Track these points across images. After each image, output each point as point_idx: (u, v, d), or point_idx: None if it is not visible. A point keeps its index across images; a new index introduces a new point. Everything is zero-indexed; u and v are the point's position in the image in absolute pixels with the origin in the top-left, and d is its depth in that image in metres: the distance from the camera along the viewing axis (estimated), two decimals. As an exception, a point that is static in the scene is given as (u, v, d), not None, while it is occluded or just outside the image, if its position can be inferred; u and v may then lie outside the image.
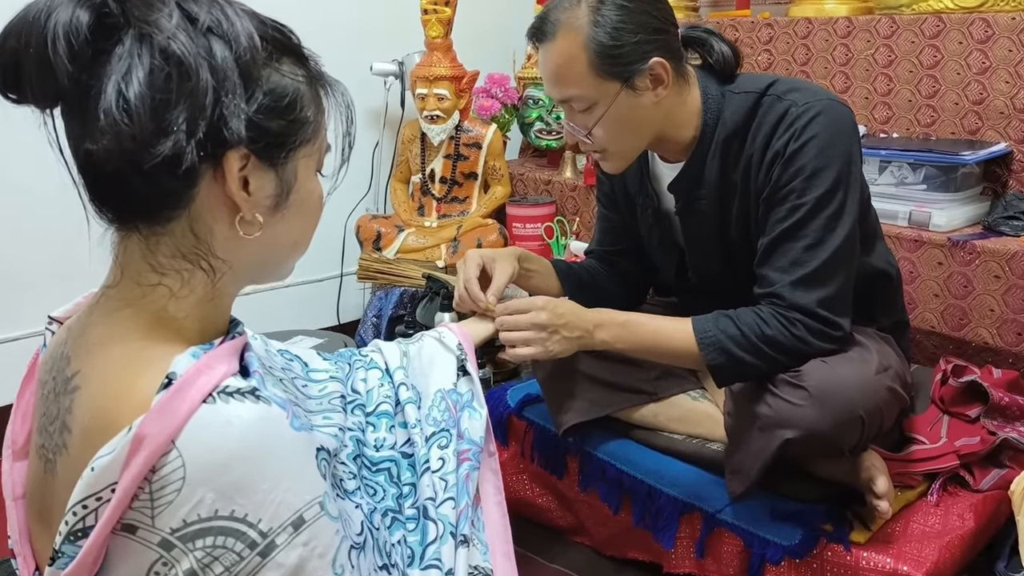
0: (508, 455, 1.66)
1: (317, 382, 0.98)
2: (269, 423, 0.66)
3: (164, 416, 0.63)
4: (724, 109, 1.27)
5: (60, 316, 0.83)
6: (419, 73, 2.29)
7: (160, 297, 0.71)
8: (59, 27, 0.62)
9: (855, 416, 1.13)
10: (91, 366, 0.70)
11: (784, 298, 1.18)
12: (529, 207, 2.33)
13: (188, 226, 0.70)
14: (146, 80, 0.62)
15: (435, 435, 1.01)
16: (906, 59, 1.91)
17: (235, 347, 0.73)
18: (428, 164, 2.42)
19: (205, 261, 0.71)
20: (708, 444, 1.41)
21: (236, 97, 0.66)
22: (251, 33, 0.67)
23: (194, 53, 0.63)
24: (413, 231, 2.37)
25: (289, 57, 0.72)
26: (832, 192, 1.18)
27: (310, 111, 0.73)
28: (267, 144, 0.69)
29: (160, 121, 0.62)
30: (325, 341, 1.80)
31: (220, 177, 0.68)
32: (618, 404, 1.46)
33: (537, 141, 2.48)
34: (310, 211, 0.79)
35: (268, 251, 0.76)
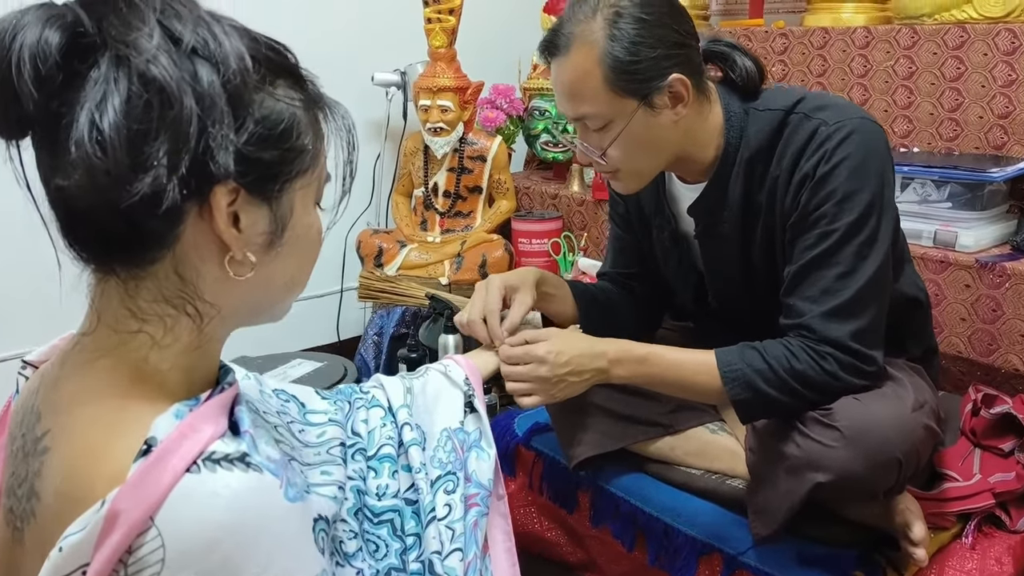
0: (515, 486, 1.59)
1: (315, 425, 0.91)
2: (260, 494, 0.59)
3: (142, 489, 0.56)
4: (748, 127, 1.20)
5: (34, 360, 0.76)
6: (422, 84, 2.22)
7: (141, 346, 0.64)
8: (25, 50, 0.55)
9: (892, 458, 1.06)
10: (63, 426, 0.63)
11: (814, 330, 1.10)
12: (535, 222, 2.26)
13: (172, 268, 0.63)
14: (122, 108, 0.55)
15: (441, 479, 0.94)
16: (927, 71, 1.84)
17: (223, 403, 0.66)
18: (431, 177, 2.35)
19: (191, 305, 0.64)
20: (728, 480, 1.33)
21: (224, 127, 0.59)
22: (241, 54, 0.61)
23: (177, 78, 0.57)
24: (416, 247, 2.30)
25: (284, 79, 0.65)
26: (865, 217, 1.10)
27: (307, 138, 0.66)
28: (259, 176, 0.62)
29: (137, 155, 0.56)
30: (325, 365, 1.73)
31: (207, 214, 0.61)
32: (633, 437, 1.39)
33: (543, 153, 2.41)
34: (307, 248, 0.72)
35: (261, 293, 0.69)
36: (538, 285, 1.30)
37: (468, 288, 2.20)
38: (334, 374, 1.69)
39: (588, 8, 1.13)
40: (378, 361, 2.28)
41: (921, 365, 1.29)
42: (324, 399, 0.97)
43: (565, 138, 1.45)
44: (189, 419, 0.61)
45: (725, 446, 1.36)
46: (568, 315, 1.41)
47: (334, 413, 0.94)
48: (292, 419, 0.89)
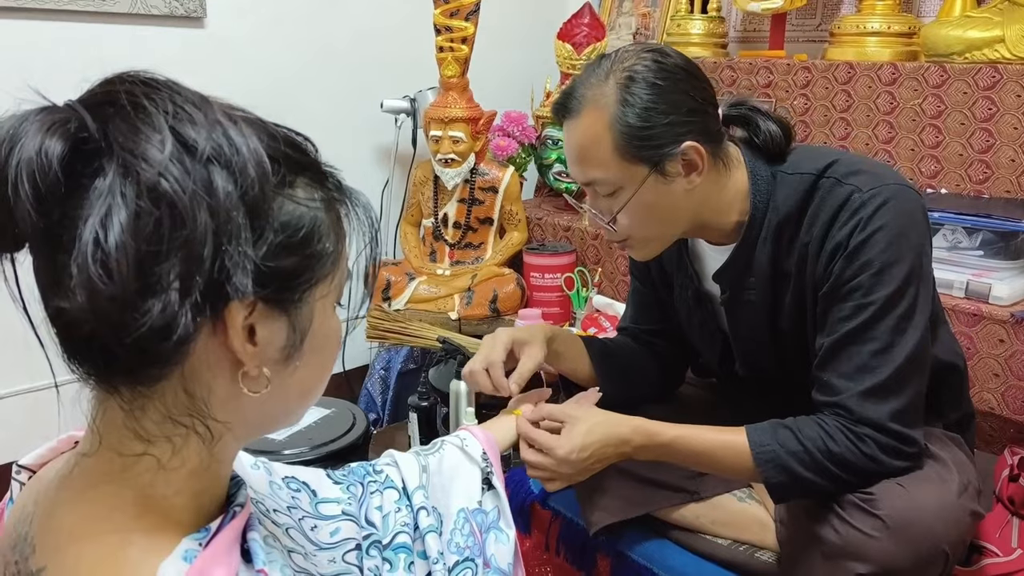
0: (530, 544, 1.53)
1: (328, 520, 0.85)
2: None
3: None
4: (776, 192, 1.14)
5: (30, 464, 0.70)
6: (433, 115, 2.16)
7: (146, 470, 0.58)
8: (23, 165, 0.50)
9: (938, 551, 1.00)
10: (60, 566, 0.57)
11: (852, 411, 1.04)
12: (548, 256, 2.20)
13: (181, 385, 0.57)
14: (130, 226, 0.50)
15: (459, 565, 0.89)
16: (957, 111, 1.78)
17: (235, 533, 0.60)
18: (441, 208, 2.29)
19: (201, 424, 0.59)
20: (757, 554, 1.27)
21: (241, 242, 0.53)
22: (260, 158, 0.55)
23: (190, 192, 0.51)
24: (425, 279, 2.24)
25: (304, 177, 0.60)
26: (903, 290, 1.05)
27: (328, 241, 0.60)
28: (278, 288, 0.57)
29: (146, 278, 0.50)
30: (332, 412, 1.67)
31: (221, 329, 0.56)
32: (656, 503, 1.33)
33: (556, 183, 2.36)
34: (327, 354, 0.66)
35: (276, 405, 0.64)
36: (549, 342, 1.26)
37: (479, 324, 2.14)
38: (342, 423, 1.63)
39: (601, 71, 1.09)
40: (384, 397, 2.22)
41: (958, 431, 1.23)
42: (336, 483, 0.91)
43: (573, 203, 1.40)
44: (199, 563, 0.55)
45: (754, 516, 1.30)
46: (582, 373, 1.36)
47: (347, 503, 0.88)
48: (304, 514, 0.84)
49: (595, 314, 2.04)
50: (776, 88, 2.08)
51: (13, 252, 0.54)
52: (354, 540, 0.84)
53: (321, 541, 0.82)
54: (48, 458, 0.69)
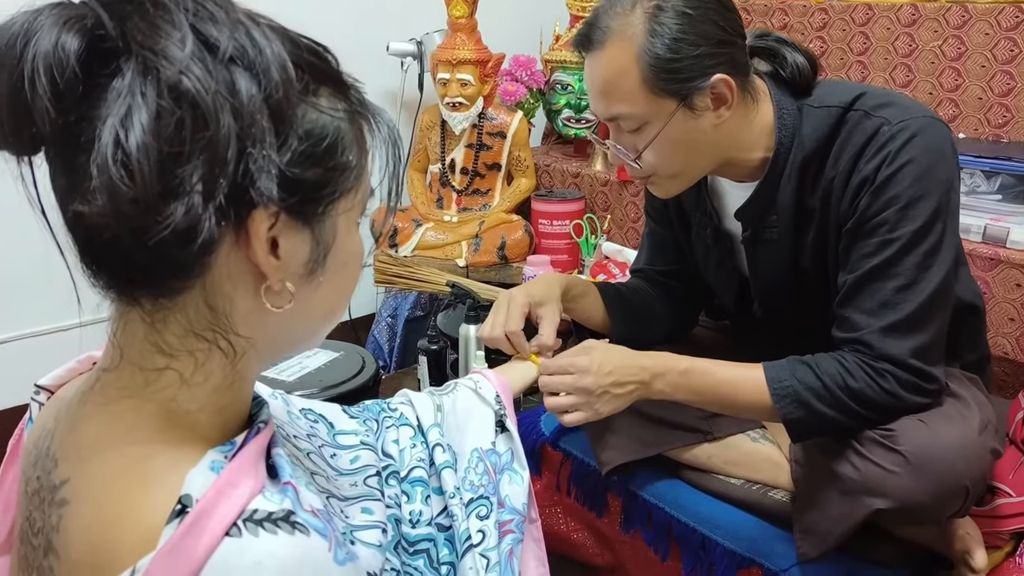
0: (541, 486, 1.53)
1: (347, 449, 0.84)
2: (309, 561, 0.53)
3: (177, 557, 0.49)
4: (802, 126, 1.11)
5: (49, 385, 0.69)
6: (441, 56, 2.12)
7: (168, 385, 0.57)
8: (40, 60, 0.47)
9: (959, 486, 1.00)
10: (83, 476, 0.56)
11: (872, 346, 1.03)
12: (556, 202, 2.17)
13: (202, 298, 0.56)
14: (151, 126, 0.48)
15: (474, 502, 0.88)
16: (978, 52, 1.74)
17: (260, 448, 0.59)
18: (448, 153, 2.25)
19: (224, 339, 0.57)
20: (771, 493, 1.27)
21: (265, 146, 0.51)
22: (284, 62, 0.53)
23: (213, 92, 0.49)
24: (432, 226, 2.22)
25: (327, 87, 0.58)
26: (929, 225, 1.02)
27: (352, 154, 0.58)
28: (302, 199, 0.55)
29: (169, 180, 0.48)
30: (341, 355, 1.66)
31: (244, 240, 0.54)
32: (669, 443, 1.32)
33: (565, 129, 2.32)
34: (350, 274, 0.64)
35: (299, 323, 0.62)
36: (564, 295, 1.24)
37: (486, 271, 2.13)
38: (352, 366, 1.62)
39: (627, 1, 1.05)
40: (392, 344, 2.21)
41: (975, 373, 1.22)
42: (352, 418, 0.90)
43: (595, 139, 1.37)
44: (226, 473, 0.54)
45: (767, 456, 1.29)
46: (596, 319, 1.35)
47: (364, 435, 0.87)
48: (323, 442, 0.83)
49: (604, 261, 2.02)
50: (791, 31, 2.03)
51: (30, 155, 0.52)
52: (374, 467, 0.84)
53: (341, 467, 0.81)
54: (66, 379, 0.68)
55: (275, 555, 0.51)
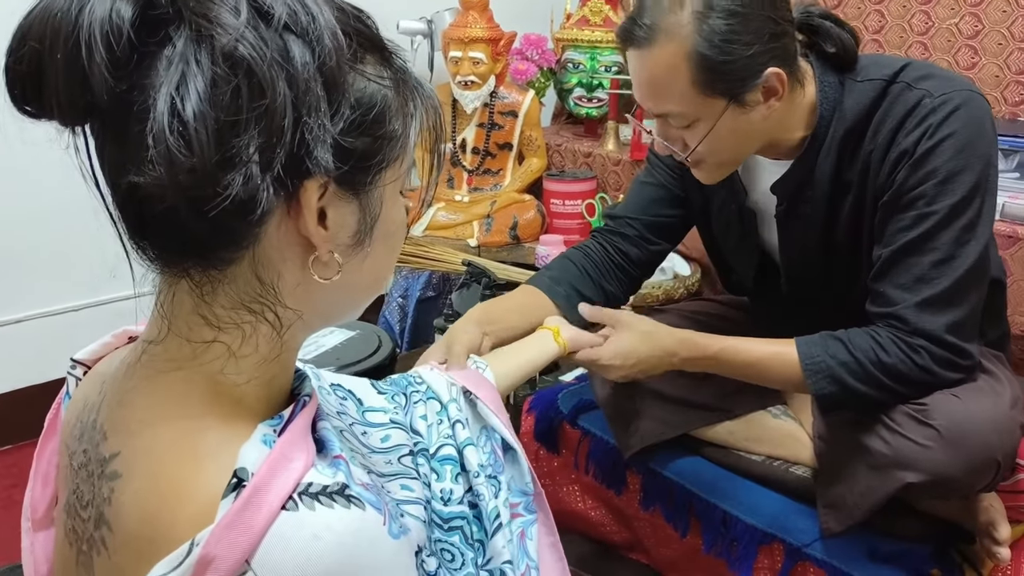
0: (559, 463, 1.54)
1: (377, 427, 0.83)
2: (365, 535, 0.52)
3: (235, 531, 0.49)
4: (844, 101, 1.09)
5: (85, 359, 0.68)
6: (453, 35, 2.10)
7: (216, 357, 0.56)
8: (95, 26, 0.47)
9: (991, 460, 1.00)
10: (135, 450, 0.56)
11: (907, 321, 1.02)
12: (568, 182, 2.16)
13: (251, 270, 0.55)
14: (207, 95, 0.47)
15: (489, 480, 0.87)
16: (995, 30, 1.73)
17: (307, 421, 0.59)
18: (459, 133, 2.24)
19: (271, 311, 0.57)
20: (792, 468, 1.28)
21: (320, 115, 0.51)
22: (335, 29, 0.52)
23: (269, 59, 0.48)
24: (443, 206, 2.21)
25: (373, 55, 0.57)
26: (968, 200, 1.02)
27: (397, 123, 0.58)
28: (351, 168, 0.54)
29: (227, 149, 0.48)
30: (357, 334, 1.66)
31: (295, 210, 0.54)
32: (691, 423, 1.32)
33: (576, 109, 2.31)
34: (394, 244, 0.64)
35: (345, 294, 0.62)
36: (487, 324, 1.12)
37: (498, 251, 2.12)
38: (368, 345, 1.61)
39: None
40: (403, 324, 2.21)
41: (997, 350, 1.22)
42: (380, 393, 0.90)
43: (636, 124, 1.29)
44: (279, 447, 0.54)
45: (788, 432, 1.30)
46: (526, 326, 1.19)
47: (393, 412, 0.86)
48: (353, 420, 0.82)
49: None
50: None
51: (78, 125, 0.52)
52: (406, 446, 0.83)
53: (373, 445, 0.81)
54: (101, 353, 0.67)
55: (332, 528, 0.51)
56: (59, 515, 0.63)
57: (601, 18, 2.25)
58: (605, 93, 2.23)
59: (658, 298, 1.83)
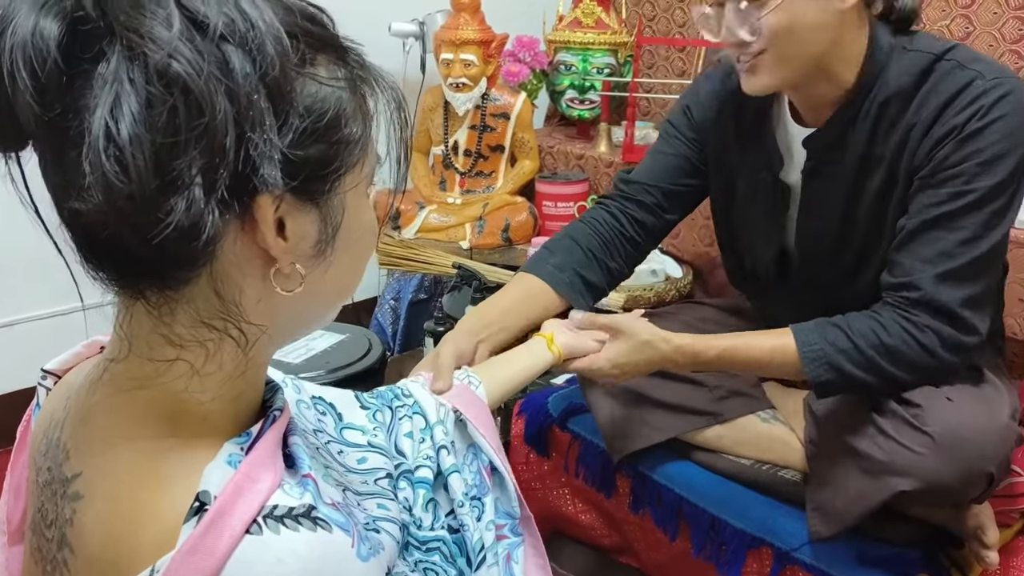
0: (549, 467, 1.53)
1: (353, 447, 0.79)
2: (332, 559, 0.51)
3: (197, 556, 0.48)
4: (890, 65, 1.08)
5: (55, 369, 0.66)
6: (444, 37, 2.10)
7: (179, 375, 0.54)
8: (18, 50, 0.44)
9: (984, 471, 0.99)
10: (96, 470, 0.54)
11: (923, 291, 1.02)
12: (561, 184, 2.16)
13: (210, 287, 0.53)
14: (143, 116, 0.45)
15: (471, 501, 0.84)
16: (986, 32, 1.73)
17: (277, 438, 0.57)
18: (451, 135, 2.24)
19: (235, 328, 0.55)
20: (781, 472, 1.27)
21: (266, 129, 0.48)
22: (278, 33, 0.49)
23: (205, 75, 0.46)
24: (435, 208, 2.20)
25: (326, 54, 0.54)
26: (1005, 185, 1.02)
27: (356, 125, 0.55)
28: (306, 178, 0.52)
29: (166, 173, 0.45)
30: (347, 337, 1.65)
31: (250, 226, 0.51)
32: (679, 428, 1.31)
33: (569, 111, 2.30)
34: (362, 249, 0.61)
35: (311, 304, 0.60)
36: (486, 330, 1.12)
37: (491, 253, 2.12)
38: (358, 348, 1.61)
39: None
40: (396, 327, 2.20)
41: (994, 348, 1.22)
42: (364, 408, 0.86)
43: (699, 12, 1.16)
44: (244, 467, 0.52)
45: (778, 436, 1.29)
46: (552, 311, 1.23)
47: (373, 434, 0.82)
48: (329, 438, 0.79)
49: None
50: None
51: (18, 151, 0.50)
52: (384, 470, 0.80)
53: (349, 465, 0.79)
54: (72, 363, 0.66)
55: (297, 552, 0.49)
56: (27, 532, 0.62)
57: (593, 20, 2.25)
58: (597, 95, 2.22)
59: (649, 300, 1.83)
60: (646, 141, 2.21)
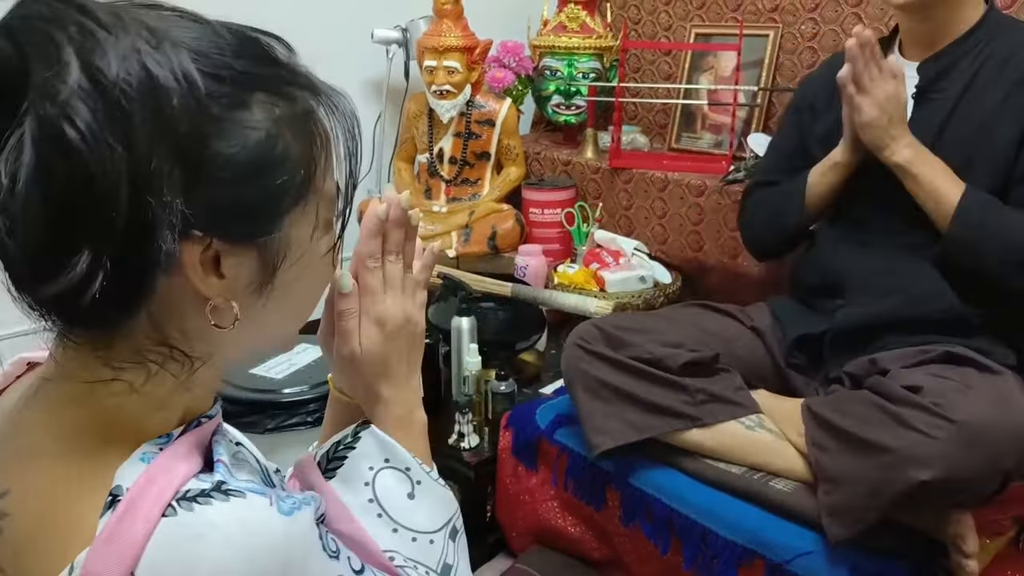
0: (537, 480, 1.51)
1: None
2: (252, 521, 0.51)
3: (114, 544, 0.48)
4: (1003, 25, 1.31)
5: None
6: (427, 43, 2.08)
7: (116, 393, 0.53)
8: None
9: (1002, 468, 1.01)
10: (24, 487, 0.53)
11: None
12: (547, 191, 2.14)
13: (149, 323, 0.52)
14: (35, 177, 0.44)
15: None
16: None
17: (199, 437, 0.57)
18: (436, 143, 2.22)
19: (179, 354, 0.54)
20: (772, 482, 1.25)
21: (170, 192, 0.47)
22: (192, 86, 0.47)
23: (101, 139, 0.44)
24: (421, 216, 2.18)
25: (264, 92, 0.52)
26: None
27: (294, 165, 0.53)
28: (237, 222, 0.51)
29: (54, 236, 0.46)
30: (331, 350, 1.63)
31: (177, 269, 0.50)
32: (658, 428, 1.30)
33: (555, 116, 2.28)
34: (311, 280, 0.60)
35: (256, 337, 0.59)
36: None
37: (477, 261, 2.10)
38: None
39: None
40: (383, 337, 2.18)
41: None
42: None
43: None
44: (158, 460, 0.52)
45: (762, 441, 1.28)
46: None
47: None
48: None
49: (597, 249, 2.00)
50: (783, 12, 2.01)
51: None
52: None
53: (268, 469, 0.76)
54: (2, 385, 0.64)
55: (215, 523, 0.49)
56: None
57: (578, 24, 2.23)
58: (583, 100, 2.20)
59: (638, 307, 1.81)
60: (633, 146, 2.19)
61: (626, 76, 2.24)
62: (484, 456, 1.54)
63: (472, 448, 1.54)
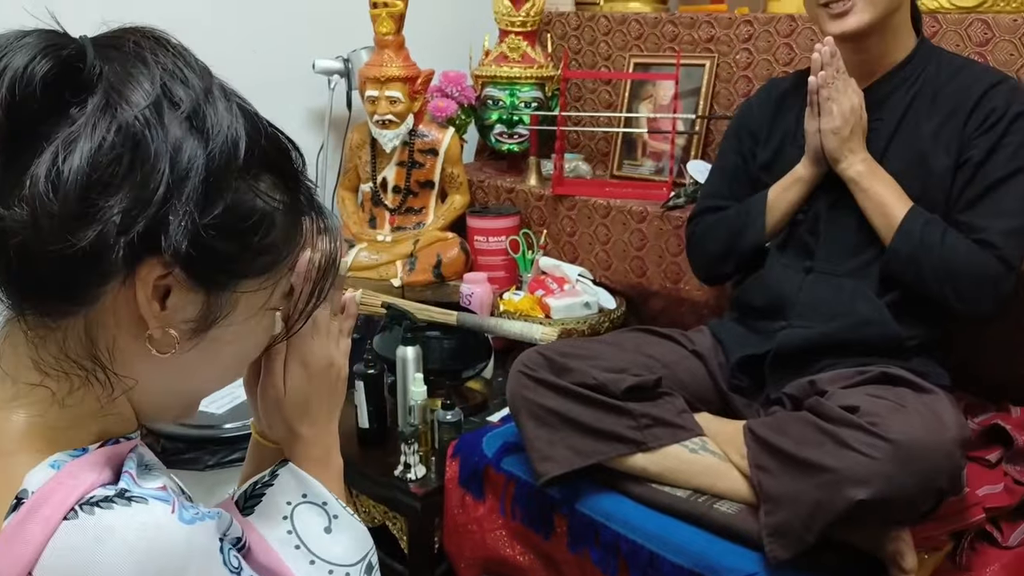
0: (484, 510, 1.50)
1: None
2: (150, 528, 0.52)
3: (14, 544, 0.50)
4: (932, 55, 1.37)
5: None
6: (369, 74, 2.08)
7: (39, 400, 0.57)
8: (7, 73, 0.51)
9: (936, 486, 1.04)
10: None
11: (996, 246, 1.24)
12: (492, 219, 2.15)
13: (84, 328, 0.57)
14: (90, 154, 0.52)
15: None
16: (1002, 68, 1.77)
17: (114, 454, 0.58)
18: (379, 172, 2.21)
19: (102, 372, 0.57)
20: (716, 505, 1.26)
21: (190, 203, 0.54)
22: (237, 138, 0.57)
23: (159, 140, 0.53)
24: (365, 246, 2.17)
25: (273, 176, 0.60)
26: None
27: (275, 241, 0.60)
28: (207, 263, 0.56)
29: (90, 206, 0.51)
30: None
31: (131, 282, 0.55)
32: (603, 453, 1.31)
33: (498, 145, 2.30)
34: (233, 354, 0.64)
35: (176, 379, 0.62)
36: None
37: (423, 290, 2.09)
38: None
39: None
40: (328, 368, 2.15)
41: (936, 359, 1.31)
42: None
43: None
44: (68, 467, 0.54)
45: (707, 463, 1.29)
46: None
47: None
48: None
49: (542, 276, 2.01)
50: (718, 43, 2.06)
51: None
52: None
53: None
54: None
55: (114, 527, 0.51)
56: None
57: (519, 54, 2.26)
58: (526, 129, 2.22)
59: (583, 332, 1.82)
60: (576, 173, 2.22)
61: (567, 105, 2.27)
62: (431, 487, 1.52)
63: (418, 479, 1.52)
